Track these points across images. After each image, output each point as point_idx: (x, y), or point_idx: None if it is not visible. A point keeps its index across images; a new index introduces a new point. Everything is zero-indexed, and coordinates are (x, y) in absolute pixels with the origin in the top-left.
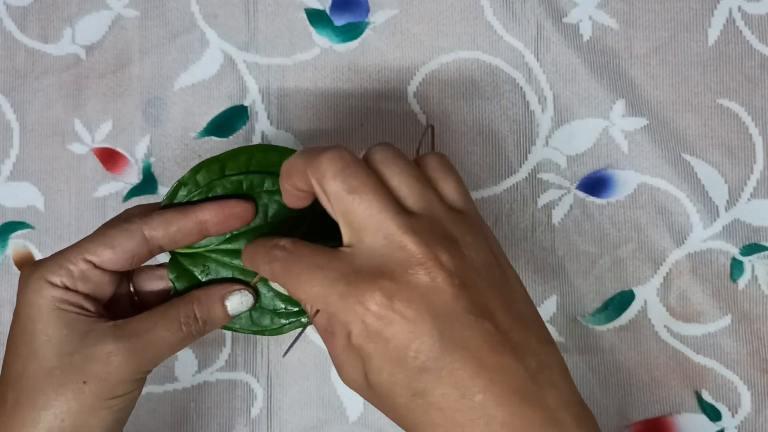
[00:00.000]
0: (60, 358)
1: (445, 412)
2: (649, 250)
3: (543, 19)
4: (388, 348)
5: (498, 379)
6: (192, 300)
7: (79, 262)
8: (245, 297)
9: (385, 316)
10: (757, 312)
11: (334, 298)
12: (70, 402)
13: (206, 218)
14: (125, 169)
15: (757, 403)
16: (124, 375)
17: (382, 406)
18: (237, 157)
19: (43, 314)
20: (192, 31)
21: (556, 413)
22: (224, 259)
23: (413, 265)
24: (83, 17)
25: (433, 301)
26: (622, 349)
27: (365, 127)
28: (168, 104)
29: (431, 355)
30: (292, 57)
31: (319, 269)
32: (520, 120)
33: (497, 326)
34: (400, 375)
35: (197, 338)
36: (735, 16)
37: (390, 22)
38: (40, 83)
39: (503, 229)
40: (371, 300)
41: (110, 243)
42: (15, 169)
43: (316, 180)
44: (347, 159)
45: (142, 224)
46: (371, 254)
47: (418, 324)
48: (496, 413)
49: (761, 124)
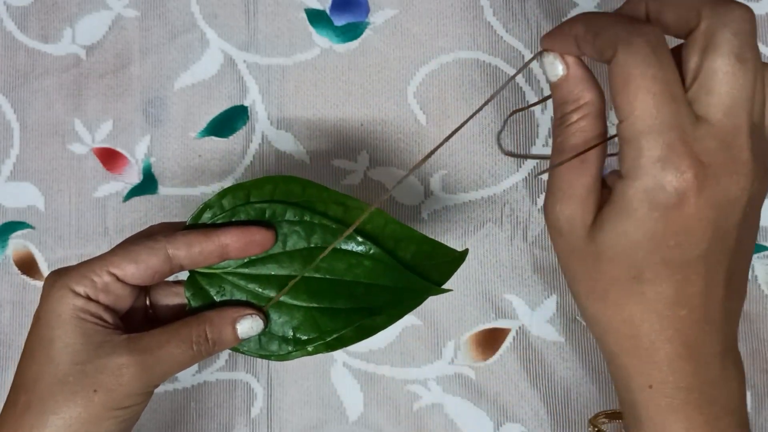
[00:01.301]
0: (73, 365)
1: (645, 312)
2: None
3: (543, 19)
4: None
5: (700, 341)
6: (205, 320)
7: (104, 274)
8: (256, 322)
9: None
10: (757, 312)
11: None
12: (79, 409)
13: (228, 242)
14: (125, 169)
15: (757, 403)
16: (133, 388)
17: (586, 254)
18: (262, 186)
19: (63, 322)
20: (192, 31)
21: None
22: (240, 282)
23: (654, 201)
24: (83, 17)
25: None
26: None
27: (365, 127)
28: (168, 104)
29: (688, 256)
30: (292, 57)
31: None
32: (520, 120)
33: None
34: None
35: (205, 358)
36: None
37: (390, 22)
38: (41, 83)
39: (503, 229)
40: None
41: (135, 258)
42: (15, 169)
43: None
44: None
45: (167, 243)
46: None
47: (713, 223)
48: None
49: None
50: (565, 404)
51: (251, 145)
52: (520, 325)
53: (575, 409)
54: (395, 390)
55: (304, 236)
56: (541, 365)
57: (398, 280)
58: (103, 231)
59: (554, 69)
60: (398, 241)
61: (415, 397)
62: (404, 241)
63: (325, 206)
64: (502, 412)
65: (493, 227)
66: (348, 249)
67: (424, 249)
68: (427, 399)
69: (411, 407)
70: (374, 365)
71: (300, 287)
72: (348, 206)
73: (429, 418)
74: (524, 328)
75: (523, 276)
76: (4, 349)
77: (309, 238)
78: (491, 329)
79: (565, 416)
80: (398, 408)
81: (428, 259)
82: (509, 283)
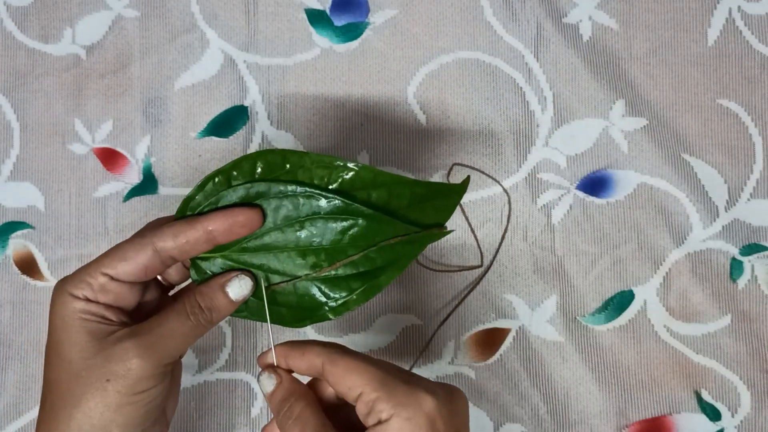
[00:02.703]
0: (84, 361)
1: None
2: (649, 250)
3: (543, 19)
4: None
5: None
6: (195, 291)
7: (98, 276)
8: (243, 281)
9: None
10: (757, 312)
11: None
12: (96, 399)
13: (213, 228)
14: (125, 169)
15: (757, 403)
16: (144, 371)
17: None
18: (241, 166)
19: (68, 325)
20: (192, 31)
21: None
22: (242, 258)
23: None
24: (83, 17)
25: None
26: (622, 349)
27: (365, 127)
28: (168, 104)
29: None
30: (292, 57)
31: None
32: (520, 120)
33: None
34: None
35: (209, 327)
36: (735, 16)
37: (390, 22)
38: (41, 83)
39: (503, 229)
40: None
41: (123, 256)
42: (15, 169)
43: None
44: None
45: (153, 237)
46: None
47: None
48: None
49: (761, 124)
50: (565, 404)
51: (251, 145)
52: (520, 325)
53: (575, 409)
54: None
55: (293, 209)
56: (541, 365)
57: (393, 233)
58: (103, 231)
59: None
60: (391, 190)
61: None
62: (397, 188)
63: (309, 174)
64: (502, 412)
65: (493, 227)
66: (339, 220)
67: (418, 191)
68: None
69: None
70: None
71: (300, 262)
72: (332, 166)
73: None
74: (524, 328)
75: (523, 276)
76: (4, 349)
77: (297, 210)
78: (491, 329)
79: (565, 416)
80: None
81: (425, 200)
82: (509, 283)
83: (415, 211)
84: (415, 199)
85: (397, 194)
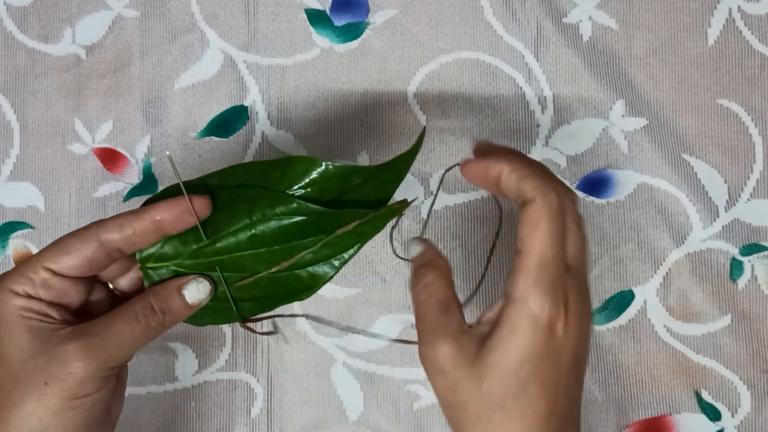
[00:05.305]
0: (24, 361)
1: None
2: (649, 250)
3: (543, 19)
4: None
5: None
6: (149, 293)
7: (39, 271)
8: (201, 284)
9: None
10: (757, 312)
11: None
12: (34, 403)
13: (160, 217)
14: (125, 169)
15: (757, 403)
16: (85, 374)
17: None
18: (206, 183)
19: (8, 323)
20: (192, 31)
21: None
22: (193, 265)
23: (539, 325)
24: (83, 17)
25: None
26: (622, 349)
27: (365, 127)
28: (168, 104)
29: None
30: (292, 57)
31: None
32: (520, 120)
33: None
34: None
35: (161, 331)
36: (735, 16)
37: (390, 22)
38: (41, 83)
39: (503, 230)
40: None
41: (66, 249)
42: (15, 169)
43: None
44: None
45: (97, 229)
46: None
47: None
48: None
49: (761, 124)
50: None
51: (251, 145)
52: None
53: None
54: (395, 390)
55: (244, 210)
56: None
57: (348, 221)
58: None
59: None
60: (346, 182)
61: (415, 396)
62: (353, 177)
63: (264, 179)
64: None
65: (493, 228)
66: (291, 218)
67: (370, 171)
68: (427, 399)
69: (411, 407)
70: (374, 365)
71: (255, 260)
72: (287, 164)
73: (429, 418)
74: None
75: None
76: None
77: (250, 212)
78: None
79: None
80: (398, 408)
81: (378, 175)
82: None
83: (375, 195)
84: (369, 184)
85: (354, 183)
